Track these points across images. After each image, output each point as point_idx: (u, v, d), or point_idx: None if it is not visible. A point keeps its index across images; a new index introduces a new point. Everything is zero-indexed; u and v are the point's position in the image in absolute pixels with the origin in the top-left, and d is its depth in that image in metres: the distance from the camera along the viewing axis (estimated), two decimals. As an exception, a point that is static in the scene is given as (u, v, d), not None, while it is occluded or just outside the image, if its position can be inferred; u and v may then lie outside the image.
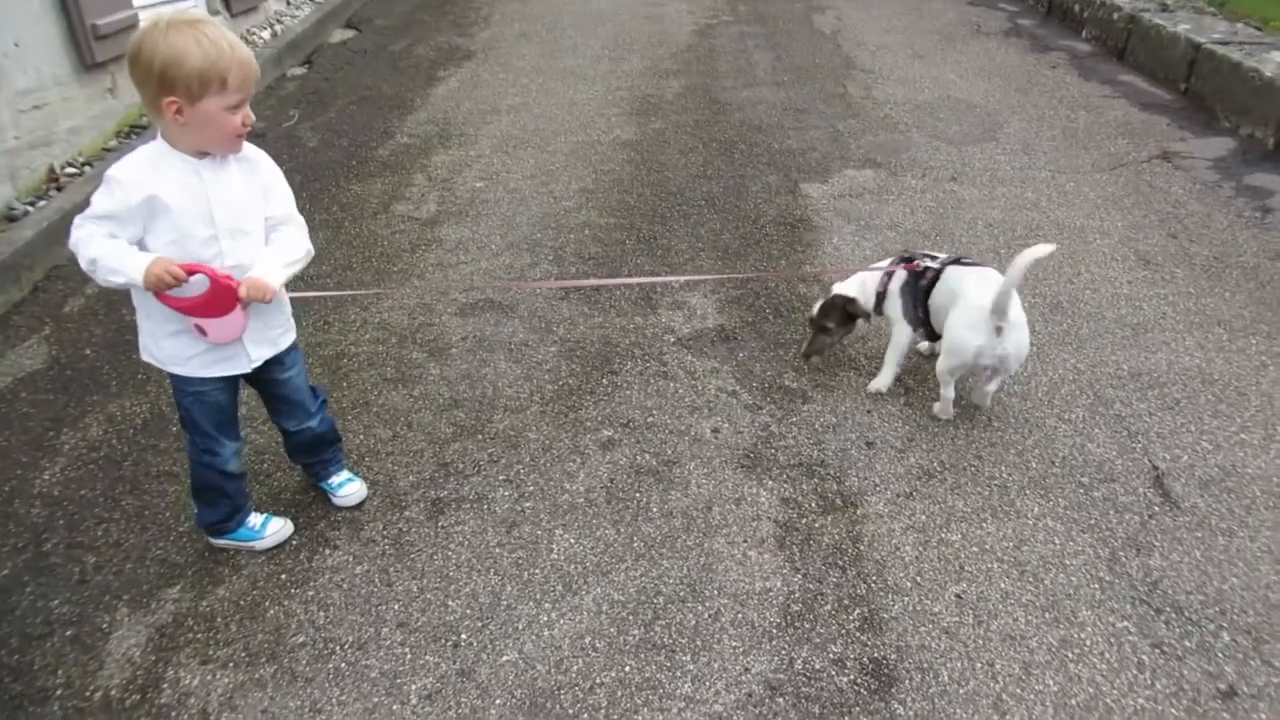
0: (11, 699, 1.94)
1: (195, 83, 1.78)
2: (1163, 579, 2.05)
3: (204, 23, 1.83)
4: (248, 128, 1.88)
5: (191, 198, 1.88)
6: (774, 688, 1.84)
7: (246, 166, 1.97)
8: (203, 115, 1.81)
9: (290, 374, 2.20)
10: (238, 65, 1.81)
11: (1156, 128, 4.55)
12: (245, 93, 1.85)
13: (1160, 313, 3.03)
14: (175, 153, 1.87)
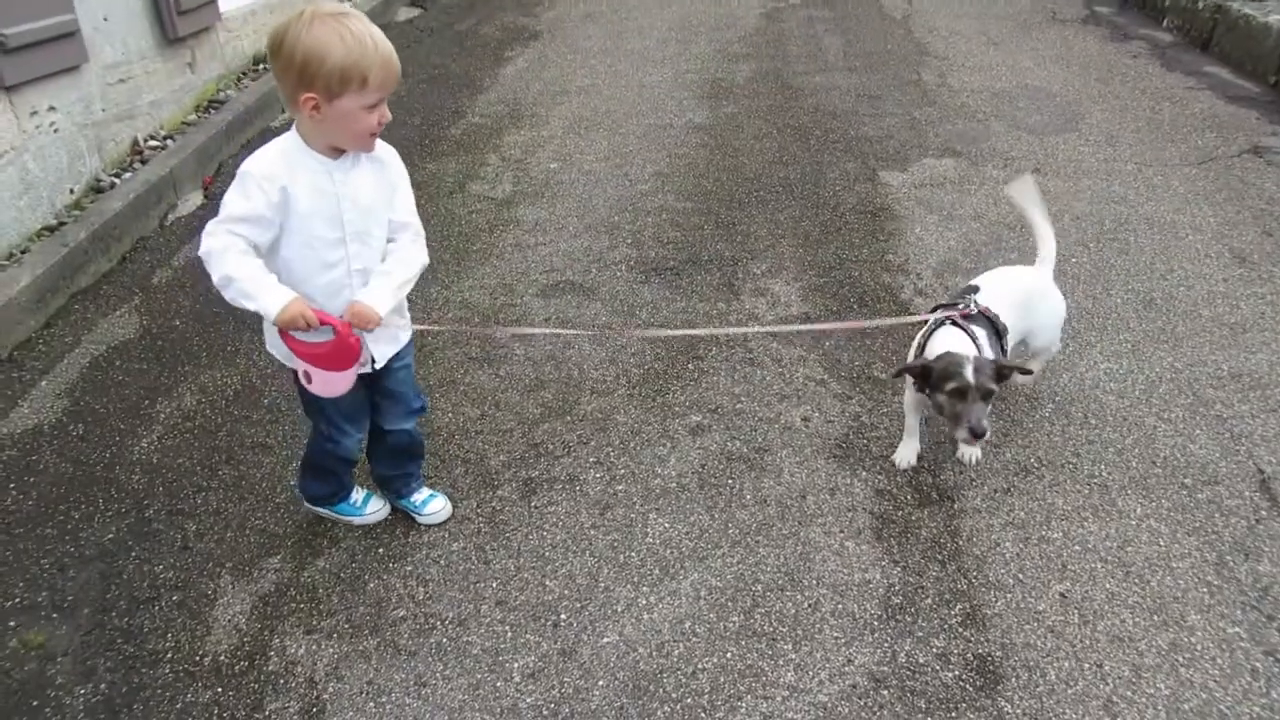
0: (124, 660, 1.99)
1: (336, 80, 1.71)
2: (1273, 585, 2.01)
3: (349, 16, 1.73)
4: (382, 126, 1.81)
5: (322, 200, 1.82)
6: (878, 680, 1.83)
7: (376, 166, 1.90)
8: (340, 112, 1.74)
9: (403, 371, 2.13)
10: (380, 63, 1.73)
11: (1246, 121, 4.43)
12: (385, 91, 1.77)
13: (1259, 312, 2.96)
14: (308, 151, 1.81)
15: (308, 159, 1.81)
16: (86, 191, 3.99)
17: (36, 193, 3.70)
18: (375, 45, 1.73)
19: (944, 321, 2.26)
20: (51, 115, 3.80)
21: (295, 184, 1.79)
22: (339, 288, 1.89)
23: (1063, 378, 2.69)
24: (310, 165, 1.80)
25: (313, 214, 1.81)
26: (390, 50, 1.76)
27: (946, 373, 2.09)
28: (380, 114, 1.78)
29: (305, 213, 1.81)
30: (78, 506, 2.42)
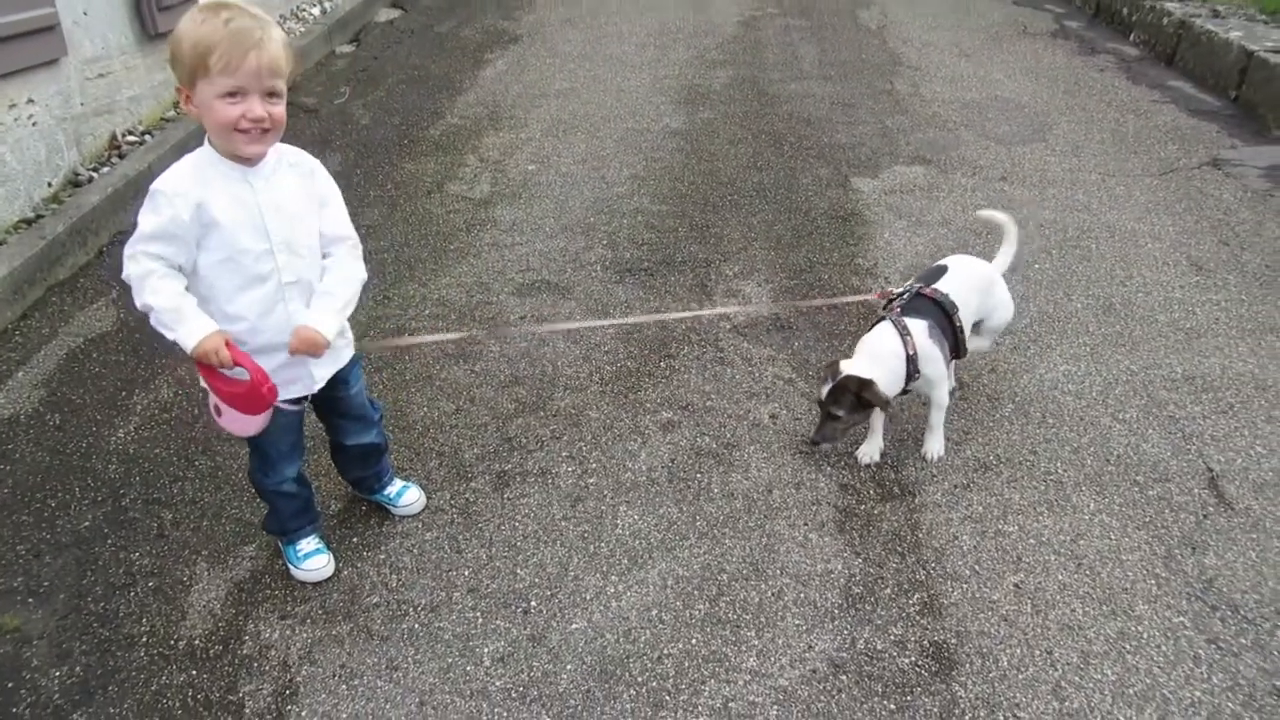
0: (100, 643, 2.02)
1: (187, 68, 1.63)
2: (1218, 577, 2.09)
3: (226, 5, 1.64)
4: (254, 124, 1.67)
5: (243, 209, 1.74)
6: (837, 665, 1.90)
7: (302, 174, 1.84)
8: (201, 105, 1.66)
9: (354, 390, 2.10)
10: (225, 42, 1.60)
11: (1206, 134, 4.55)
12: (241, 80, 1.63)
13: (1213, 318, 3.06)
14: (221, 160, 1.74)
15: (222, 168, 1.74)
16: (64, 185, 4.00)
17: (14, 185, 3.71)
18: (227, 24, 1.61)
19: (883, 319, 2.37)
20: (30, 108, 3.81)
21: (211, 196, 1.71)
22: (272, 303, 1.82)
23: (1023, 379, 2.77)
24: (226, 174, 1.74)
25: (235, 224, 1.73)
26: (247, 33, 1.62)
27: (818, 384, 2.43)
28: (248, 109, 1.65)
29: (226, 224, 1.72)
30: (54, 495, 2.44)
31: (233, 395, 1.79)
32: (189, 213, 1.70)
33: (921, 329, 2.30)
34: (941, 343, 2.34)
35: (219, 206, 1.72)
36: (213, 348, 1.70)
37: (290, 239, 1.81)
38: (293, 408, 1.98)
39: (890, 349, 2.28)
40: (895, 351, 2.27)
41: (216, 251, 1.76)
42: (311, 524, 2.19)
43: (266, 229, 1.77)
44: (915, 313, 2.35)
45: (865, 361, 2.28)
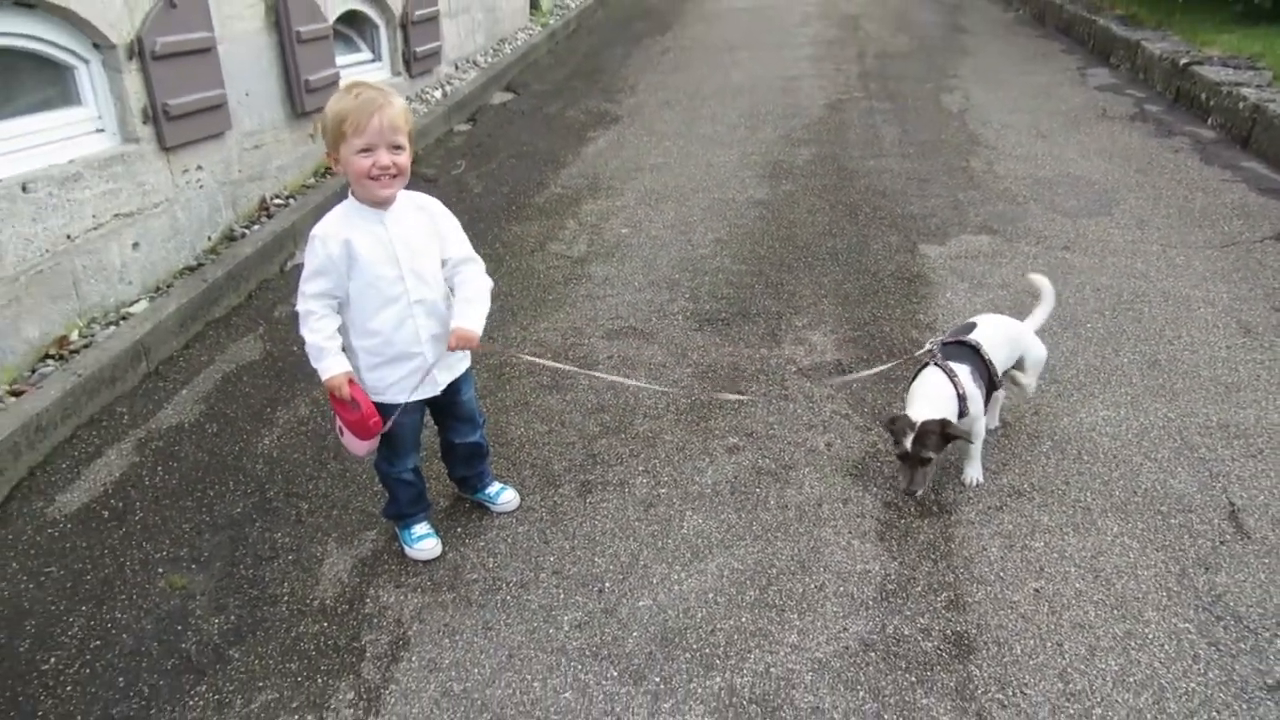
0: (249, 600, 2.43)
1: (332, 134, 2.08)
2: (1226, 593, 2.30)
3: (356, 84, 2.10)
4: (383, 172, 2.09)
5: (378, 244, 2.18)
6: (868, 645, 2.18)
7: (423, 215, 2.26)
8: (344, 162, 2.11)
9: (466, 396, 2.50)
10: (355, 110, 2.03)
11: (1274, 211, 4.71)
12: (369, 138, 2.05)
13: (1255, 375, 3.25)
14: (361, 208, 2.19)
15: (363, 213, 2.19)
16: (221, 239, 4.62)
17: (182, 238, 4.33)
18: (357, 98, 2.05)
19: (928, 363, 2.65)
20: (199, 174, 4.46)
21: (355, 236, 2.17)
22: (402, 319, 2.26)
23: (1063, 421, 3.01)
24: (366, 216, 2.19)
25: (372, 256, 2.18)
26: (372, 101, 2.05)
27: (895, 438, 2.53)
28: (377, 160, 2.07)
29: (366, 256, 2.17)
30: (212, 487, 2.91)
31: (349, 422, 2.26)
32: (339, 249, 2.18)
33: (965, 372, 2.61)
34: (979, 383, 2.63)
35: (361, 244, 2.18)
36: (338, 384, 2.20)
37: (416, 267, 2.25)
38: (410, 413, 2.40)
39: (944, 391, 2.56)
40: (948, 393, 2.56)
41: (360, 279, 2.21)
42: (424, 511, 2.59)
43: (397, 259, 2.22)
44: (956, 358, 2.65)
45: (927, 405, 2.53)
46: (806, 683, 2.09)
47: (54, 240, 3.57)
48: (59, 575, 2.56)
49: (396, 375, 2.32)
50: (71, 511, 2.82)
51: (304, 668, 2.22)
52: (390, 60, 6.83)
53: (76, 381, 3.24)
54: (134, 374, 3.53)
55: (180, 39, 4.18)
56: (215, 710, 2.12)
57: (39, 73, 3.72)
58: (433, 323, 2.31)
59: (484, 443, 2.66)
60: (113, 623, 2.39)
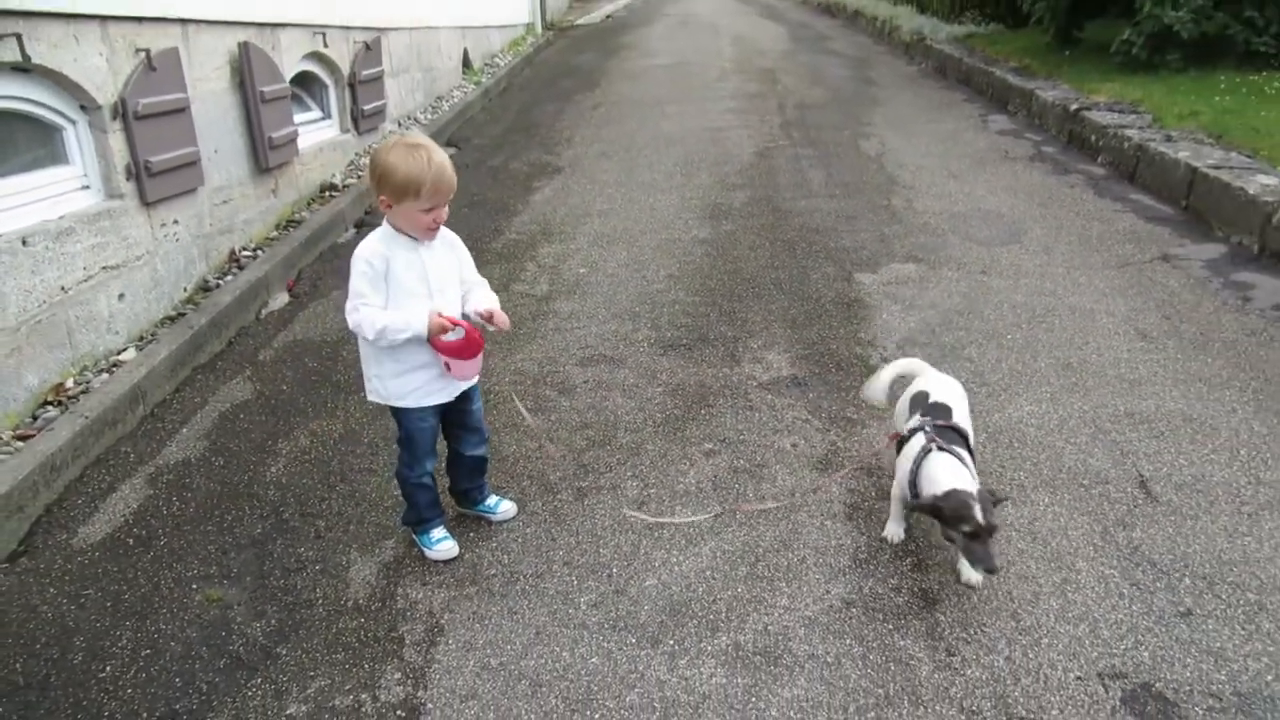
0: (286, 605, 2.66)
1: (397, 191, 2.38)
2: (1141, 545, 2.71)
3: (420, 146, 2.39)
4: (438, 224, 2.49)
5: (412, 267, 2.51)
6: (849, 603, 2.52)
7: (447, 245, 2.62)
8: (403, 212, 2.43)
9: (476, 405, 2.82)
10: (431, 182, 2.36)
11: (1160, 236, 5.30)
12: (435, 202, 2.41)
13: (1153, 372, 3.73)
14: (398, 235, 2.50)
15: (401, 239, 2.51)
16: (196, 290, 4.82)
17: (161, 289, 4.53)
18: (429, 168, 2.36)
19: (929, 448, 2.54)
20: (175, 227, 4.67)
21: (394, 256, 2.49)
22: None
23: (994, 416, 3.43)
24: (403, 243, 2.51)
25: (406, 275, 2.50)
26: (441, 171, 2.38)
27: (959, 515, 2.34)
28: (436, 215, 2.45)
29: (401, 275, 2.50)
30: (229, 512, 3.12)
31: (455, 349, 2.51)
32: (382, 265, 2.49)
33: (967, 459, 2.57)
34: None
35: (397, 265, 2.51)
36: (438, 321, 2.46)
37: (440, 287, 2.58)
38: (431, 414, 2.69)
39: (963, 472, 2.48)
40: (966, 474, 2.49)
41: (393, 295, 2.53)
42: (439, 516, 2.85)
43: (428, 279, 2.55)
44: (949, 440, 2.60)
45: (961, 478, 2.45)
46: (800, 635, 2.42)
47: (50, 292, 3.75)
48: (97, 597, 2.74)
49: (418, 382, 2.62)
50: (96, 541, 3.00)
51: (349, 657, 2.45)
52: (339, 118, 7.12)
53: (84, 424, 3.42)
54: (133, 417, 3.70)
55: (159, 99, 4.42)
56: (274, 698, 2.34)
57: (31, 134, 3.92)
58: (453, 336, 2.60)
59: (487, 457, 2.95)
60: (159, 633, 2.58)
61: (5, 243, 3.52)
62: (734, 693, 2.26)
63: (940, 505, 2.40)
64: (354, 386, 3.93)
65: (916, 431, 2.65)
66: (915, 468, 2.56)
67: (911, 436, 2.66)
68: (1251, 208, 4.99)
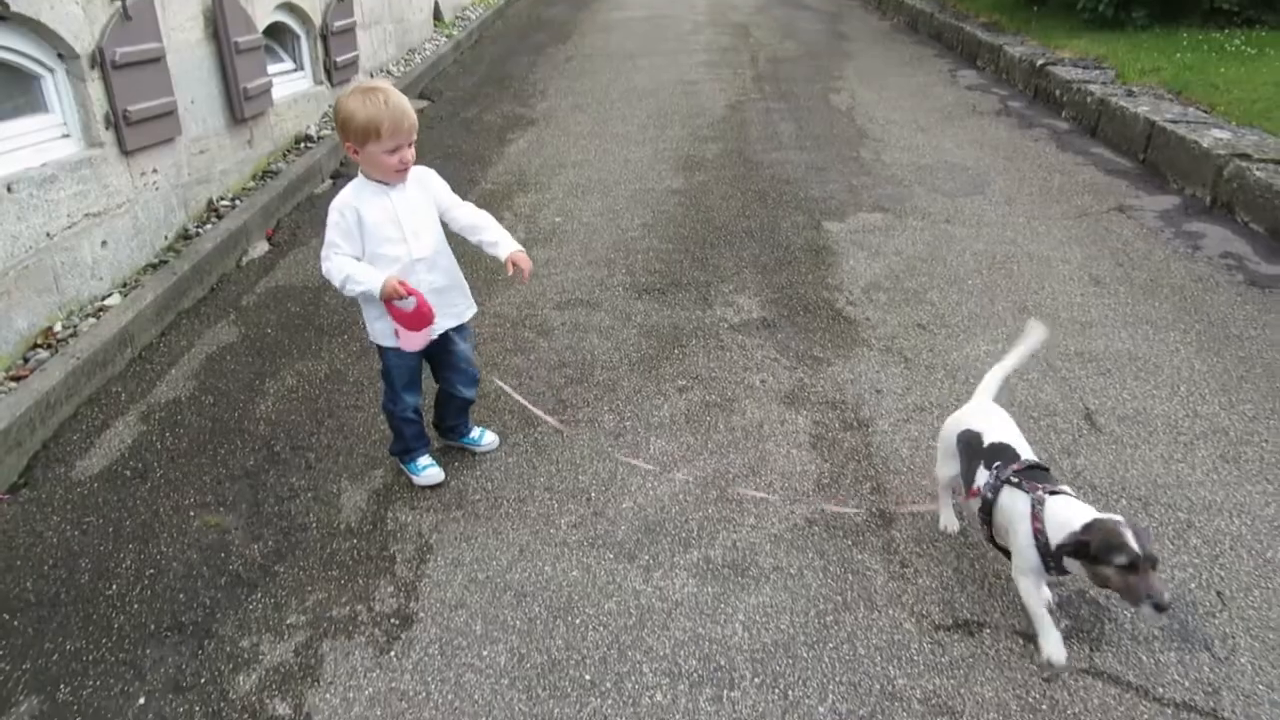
0: (281, 528, 2.80)
1: (359, 134, 2.44)
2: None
3: (376, 89, 2.44)
4: (405, 165, 2.53)
5: (383, 213, 2.58)
6: (811, 522, 2.70)
7: (419, 185, 2.67)
8: (368, 156, 2.49)
9: (460, 348, 2.86)
10: (388, 121, 2.43)
11: (1117, 188, 5.49)
12: (397, 141, 2.47)
13: (1104, 315, 3.92)
14: (370, 181, 2.58)
15: (371, 187, 2.59)
16: (176, 238, 4.88)
17: (143, 237, 4.59)
18: (385, 108, 2.42)
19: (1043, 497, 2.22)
20: (155, 176, 4.72)
21: (363, 205, 2.56)
22: (406, 273, 2.63)
23: (953, 355, 3.62)
24: (373, 190, 2.59)
25: (378, 222, 2.58)
26: (398, 111, 2.44)
27: (1110, 545, 2.00)
28: (401, 156, 2.51)
29: (374, 223, 2.57)
30: (221, 446, 3.25)
31: (406, 317, 2.61)
32: (353, 217, 2.58)
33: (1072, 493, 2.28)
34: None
35: (369, 213, 2.59)
36: (393, 285, 2.53)
37: (416, 228, 2.65)
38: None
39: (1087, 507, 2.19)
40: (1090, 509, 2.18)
41: (370, 243, 2.62)
42: (425, 446, 3.00)
43: (400, 223, 2.62)
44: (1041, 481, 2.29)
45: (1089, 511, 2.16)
46: (766, 550, 2.60)
47: (36, 237, 3.82)
48: (99, 523, 2.87)
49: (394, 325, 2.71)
50: (94, 474, 3.12)
51: (344, 574, 2.61)
52: (312, 70, 7.12)
53: (76, 364, 3.51)
54: (121, 359, 3.80)
55: (136, 49, 4.45)
56: (274, 610, 2.49)
57: (10, 82, 3.95)
58: (434, 276, 2.72)
59: (473, 397, 3.06)
60: (160, 555, 2.72)
61: (-9, 188, 3.59)
62: (704, 600, 2.45)
63: (1086, 540, 2.04)
64: (337, 329, 4.05)
65: (1000, 487, 2.31)
66: (1036, 526, 2.18)
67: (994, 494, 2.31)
68: (1205, 161, 5.18)
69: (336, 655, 2.33)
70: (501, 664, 2.28)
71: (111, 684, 2.29)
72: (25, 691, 2.27)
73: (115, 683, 2.29)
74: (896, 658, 2.25)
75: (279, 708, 2.19)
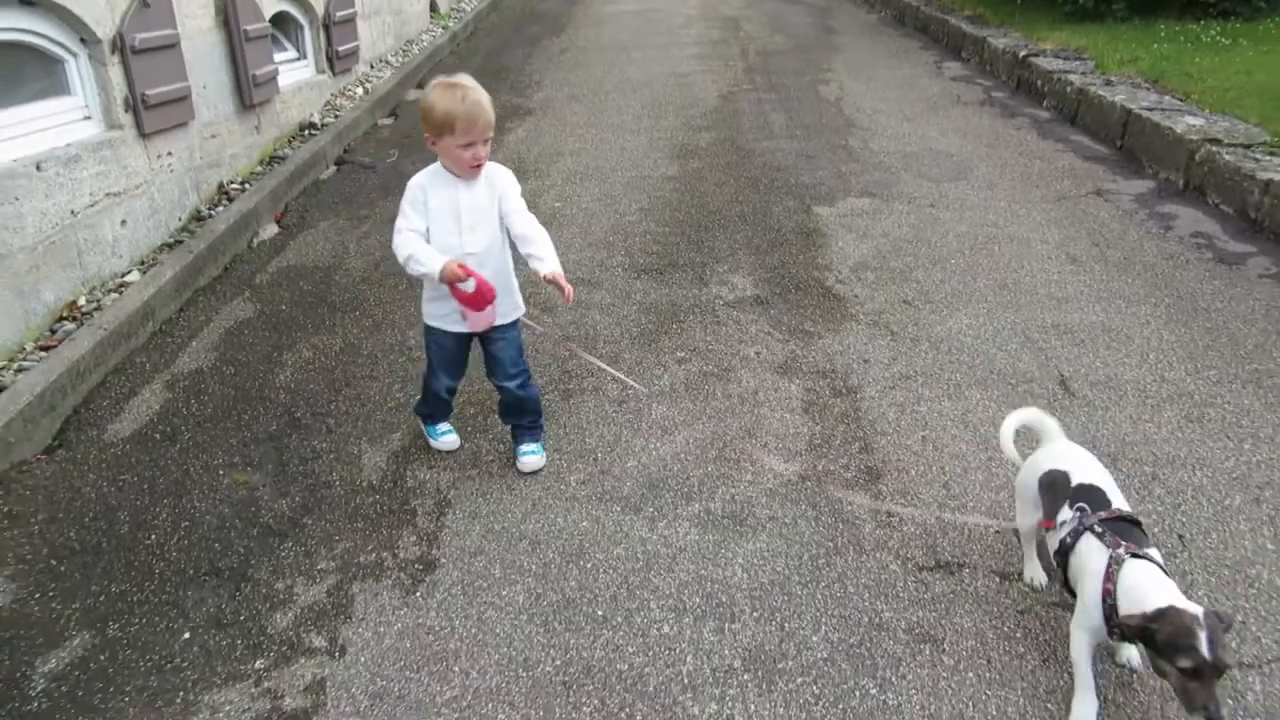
0: (307, 485, 2.99)
1: (436, 126, 2.57)
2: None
3: (457, 85, 2.56)
4: (478, 161, 2.61)
5: (447, 203, 2.68)
6: (804, 477, 2.90)
7: (488, 182, 2.73)
8: (444, 148, 2.62)
9: (503, 342, 2.89)
10: (464, 117, 2.52)
11: (1095, 173, 5.71)
12: (472, 137, 2.55)
13: (1079, 291, 4.13)
14: (444, 172, 2.70)
15: (445, 177, 2.71)
16: (190, 219, 5.05)
17: (159, 217, 4.76)
18: (463, 104, 2.53)
19: (1123, 558, 2.00)
20: (170, 159, 4.88)
21: (432, 190, 2.70)
22: None
23: (937, 328, 3.82)
24: (445, 179, 2.71)
25: (440, 210, 2.69)
26: (476, 107, 2.55)
27: (1175, 644, 1.79)
28: (475, 152, 2.60)
29: (436, 209, 2.69)
30: (245, 412, 3.43)
31: (467, 299, 2.69)
32: (421, 196, 2.72)
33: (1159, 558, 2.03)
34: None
35: (434, 200, 2.71)
36: (454, 268, 2.60)
37: (474, 224, 2.74)
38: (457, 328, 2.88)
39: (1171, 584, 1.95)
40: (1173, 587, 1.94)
41: (434, 223, 2.70)
42: (445, 416, 3.18)
43: (460, 216, 2.72)
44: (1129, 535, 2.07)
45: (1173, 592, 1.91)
46: (762, 503, 2.80)
47: (62, 215, 3.98)
48: (134, 481, 3.05)
49: (446, 309, 2.83)
50: (125, 436, 3.29)
51: (368, 525, 2.80)
52: (315, 59, 7.27)
53: (103, 335, 3.68)
54: (144, 331, 3.98)
55: (154, 35, 4.61)
56: (305, 556, 2.68)
57: (36, 65, 4.11)
58: (484, 272, 2.73)
59: (526, 397, 2.97)
60: (194, 509, 2.91)
61: (22, 166, 3.75)
62: (706, 546, 2.65)
63: (1152, 629, 1.82)
64: (349, 306, 4.23)
65: (1081, 533, 2.12)
66: (1107, 587, 1.98)
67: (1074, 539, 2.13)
68: (1178, 146, 5.40)
69: (366, 596, 2.52)
70: (520, 602, 2.47)
71: (157, 621, 2.47)
72: (77, 627, 2.46)
73: (160, 620, 2.47)
74: (883, 594, 2.46)
75: (315, 640, 2.38)
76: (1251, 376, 3.40)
